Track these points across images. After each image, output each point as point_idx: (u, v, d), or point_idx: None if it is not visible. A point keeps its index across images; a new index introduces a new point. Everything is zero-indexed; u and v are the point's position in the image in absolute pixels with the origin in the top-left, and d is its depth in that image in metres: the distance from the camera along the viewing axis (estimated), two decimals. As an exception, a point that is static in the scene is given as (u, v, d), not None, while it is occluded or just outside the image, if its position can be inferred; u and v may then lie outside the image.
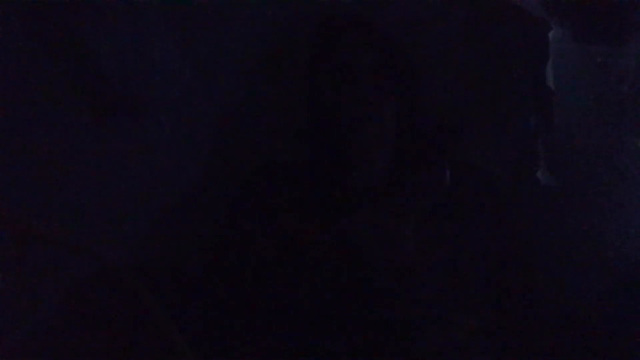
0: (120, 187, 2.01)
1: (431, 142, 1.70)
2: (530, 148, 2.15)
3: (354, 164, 1.73)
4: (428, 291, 1.68)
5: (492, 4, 2.17)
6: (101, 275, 1.84)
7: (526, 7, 2.16)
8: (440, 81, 2.10)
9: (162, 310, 1.63)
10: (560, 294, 2.04)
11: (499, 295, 1.77)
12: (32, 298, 1.85)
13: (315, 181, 1.76)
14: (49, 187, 1.92)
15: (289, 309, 1.67)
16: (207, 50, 2.13)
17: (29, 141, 1.91)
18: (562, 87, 2.16)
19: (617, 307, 2.05)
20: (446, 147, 1.71)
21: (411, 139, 1.74)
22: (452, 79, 2.15)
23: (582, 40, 2.15)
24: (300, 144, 1.80)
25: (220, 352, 1.70)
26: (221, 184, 2.01)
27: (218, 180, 2.09)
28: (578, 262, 2.11)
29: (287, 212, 1.71)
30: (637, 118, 2.15)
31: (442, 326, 1.67)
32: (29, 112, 1.92)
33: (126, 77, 2.00)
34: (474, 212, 1.77)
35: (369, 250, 1.67)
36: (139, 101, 2.03)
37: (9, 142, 1.89)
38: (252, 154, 2.10)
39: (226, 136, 2.16)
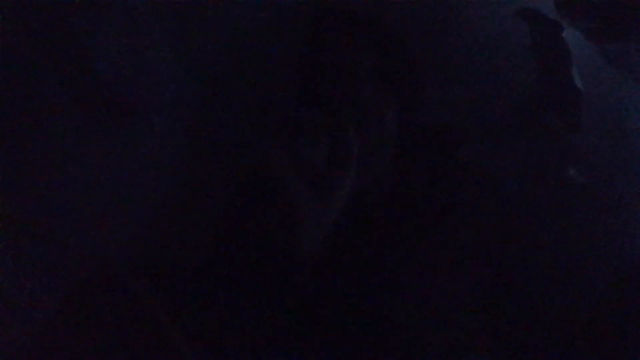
0: (117, 188, 2.02)
1: (435, 144, 1.69)
2: (556, 147, 2.14)
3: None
4: (427, 291, 1.67)
5: (506, 5, 2.15)
6: (100, 276, 1.84)
7: (539, 8, 2.14)
8: (453, 84, 2.09)
9: (161, 310, 1.63)
10: (562, 294, 2.03)
11: (499, 296, 1.77)
12: (31, 298, 1.86)
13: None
14: (46, 187, 1.93)
15: (288, 308, 1.67)
16: (201, 51, 2.13)
17: (25, 141, 1.93)
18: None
19: (618, 307, 2.04)
20: (450, 149, 1.70)
21: (414, 141, 1.73)
22: (468, 81, 2.14)
23: (594, 39, 2.14)
24: (295, 146, 1.78)
25: (220, 352, 1.70)
26: (215, 184, 2.02)
27: (213, 181, 2.10)
28: (580, 261, 2.10)
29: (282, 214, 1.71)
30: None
31: (441, 326, 1.66)
32: (24, 112, 1.94)
33: (120, 78, 2.01)
34: (476, 212, 1.76)
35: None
36: (132, 102, 2.04)
37: (5, 142, 1.90)
38: (246, 154, 2.10)
39: (220, 137, 2.16)
